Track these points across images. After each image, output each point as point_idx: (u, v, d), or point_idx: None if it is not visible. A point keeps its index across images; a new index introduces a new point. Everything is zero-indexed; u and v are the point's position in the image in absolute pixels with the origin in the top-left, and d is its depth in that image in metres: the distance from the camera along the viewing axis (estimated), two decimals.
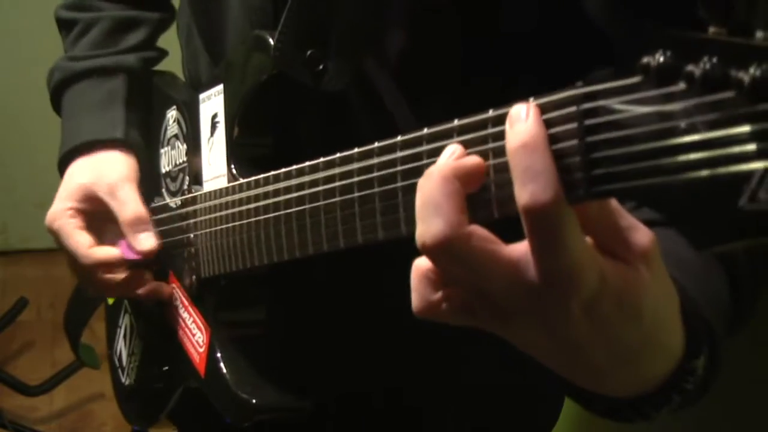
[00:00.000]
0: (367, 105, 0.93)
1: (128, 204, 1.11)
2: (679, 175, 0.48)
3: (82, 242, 1.12)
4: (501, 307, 0.57)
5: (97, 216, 1.14)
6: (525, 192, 0.53)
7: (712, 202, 0.48)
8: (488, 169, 0.59)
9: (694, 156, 0.47)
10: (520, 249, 0.55)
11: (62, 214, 1.13)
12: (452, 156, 0.59)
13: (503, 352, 1.01)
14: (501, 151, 0.57)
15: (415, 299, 0.61)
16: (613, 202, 0.56)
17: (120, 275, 1.12)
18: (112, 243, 1.13)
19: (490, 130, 0.59)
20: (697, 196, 0.48)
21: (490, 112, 0.59)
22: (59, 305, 3.43)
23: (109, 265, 1.11)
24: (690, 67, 0.47)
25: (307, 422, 1.05)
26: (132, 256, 1.10)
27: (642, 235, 0.57)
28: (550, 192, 0.52)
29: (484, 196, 0.59)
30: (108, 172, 1.14)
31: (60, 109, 1.24)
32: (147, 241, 1.10)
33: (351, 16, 0.90)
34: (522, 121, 0.54)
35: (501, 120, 0.58)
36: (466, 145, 0.61)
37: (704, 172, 0.47)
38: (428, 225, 0.56)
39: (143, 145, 1.19)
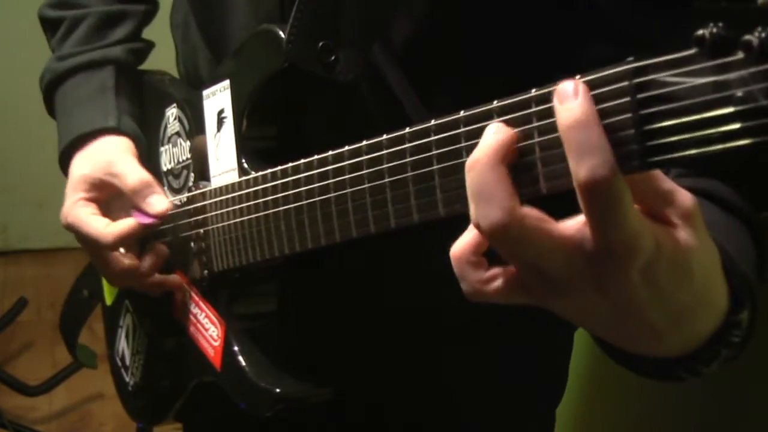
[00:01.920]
0: (376, 95, 0.94)
1: (130, 173, 1.11)
2: (736, 141, 0.50)
3: (98, 225, 1.11)
4: (558, 281, 0.59)
5: (109, 202, 1.14)
6: (583, 168, 0.54)
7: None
8: (534, 146, 0.61)
9: (751, 123, 0.49)
10: (575, 224, 0.58)
11: (73, 206, 1.13)
12: (497, 134, 0.60)
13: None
14: (547, 130, 0.60)
15: (464, 286, 0.63)
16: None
17: (139, 263, 1.12)
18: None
19: (535, 109, 0.61)
20: (755, 160, 0.50)
21: (533, 92, 0.61)
22: (59, 305, 3.38)
23: (130, 238, 1.11)
24: (747, 37, 0.49)
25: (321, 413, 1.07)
26: (147, 220, 1.10)
27: (684, 197, 0.59)
28: (608, 167, 0.54)
29: (531, 173, 0.61)
30: (103, 155, 1.14)
31: (53, 111, 1.24)
32: (158, 201, 1.10)
33: (361, 6, 0.91)
34: (572, 98, 0.56)
35: (545, 99, 0.60)
36: (507, 125, 0.62)
37: (763, 138, 0.49)
38: (484, 212, 0.58)
39: (139, 132, 1.20)
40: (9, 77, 3.62)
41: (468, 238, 0.63)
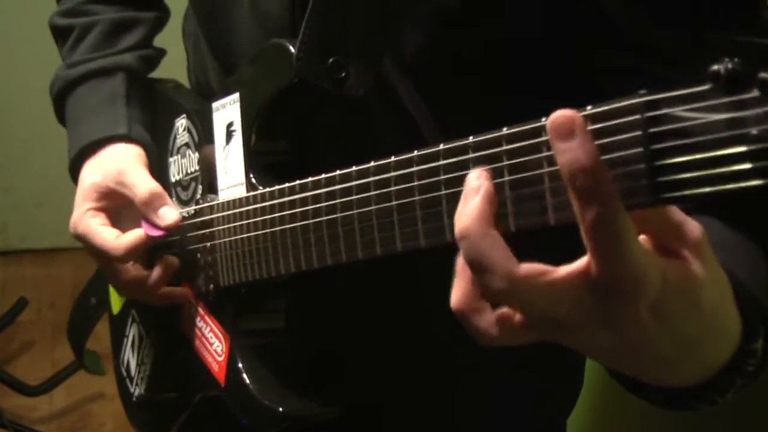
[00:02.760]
0: (388, 110, 0.93)
1: (140, 184, 1.10)
2: (751, 182, 0.49)
3: (108, 236, 1.10)
4: (568, 323, 0.59)
5: (119, 211, 1.13)
6: (589, 212, 0.54)
7: None
8: (543, 176, 0.60)
9: (765, 163, 0.48)
10: (578, 267, 0.57)
11: (82, 216, 1.12)
12: (476, 195, 0.61)
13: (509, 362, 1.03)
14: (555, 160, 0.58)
15: (473, 334, 0.63)
16: None
17: (149, 274, 1.11)
18: None
19: (544, 138, 0.60)
20: None
21: (543, 120, 0.60)
22: (59, 305, 3.44)
23: (140, 250, 1.10)
24: (763, 74, 0.48)
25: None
26: (157, 232, 1.09)
27: (692, 228, 0.59)
28: (613, 208, 0.53)
29: (540, 203, 0.61)
30: (113, 164, 1.13)
31: (64, 119, 1.23)
32: (168, 214, 1.08)
33: (371, 21, 0.90)
34: (571, 139, 0.54)
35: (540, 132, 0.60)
36: (515, 153, 0.62)
37: None
38: (486, 281, 0.59)
39: (149, 141, 1.18)
40: (9, 77, 3.61)
41: (464, 288, 0.63)
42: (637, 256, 0.55)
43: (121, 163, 1.13)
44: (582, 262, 0.57)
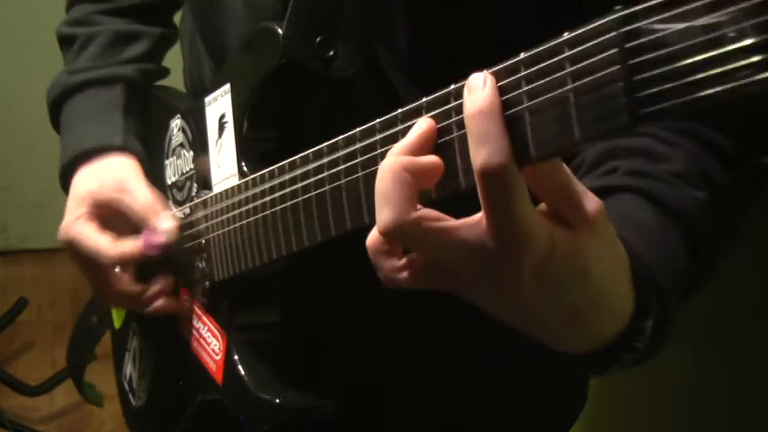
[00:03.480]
0: (377, 90, 0.93)
1: (139, 193, 1.10)
2: (731, 84, 0.47)
3: (101, 242, 1.10)
4: (459, 273, 0.62)
5: (112, 220, 1.12)
6: (479, 156, 0.57)
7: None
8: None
9: (746, 61, 0.46)
10: (472, 220, 0.60)
11: (74, 222, 1.11)
12: (416, 132, 0.64)
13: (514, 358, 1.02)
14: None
15: (380, 274, 0.66)
16: (566, 168, 0.60)
17: (137, 288, 1.11)
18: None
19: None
20: (754, 101, 0.48)
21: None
22: (59, 305, 3.45)
23: (133, 260, 1.09)
24: None
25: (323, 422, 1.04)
26: (154, 249, 1.07)
27: (591, 201, 0.61)
28: (502, 156, 0.56)
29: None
30: (110, 174, 1.13)
31: (59, 125, 1.22)
32: (167, 229, 1.08)
33: (360, 1, 0.89)
34: (479, 89, 0.58)
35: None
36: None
37: (762, 75, 0.46)
38: (381, 215, 0.61)
39: (144, 153, 1.18)
40: (9, 77, 3.65)
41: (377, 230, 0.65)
42: (525, 213, 0.57)
43: (120, 173, 1.13)
44: (476, 216, 0.60)
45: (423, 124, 0.64)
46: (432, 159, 0.63)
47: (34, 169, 3.63)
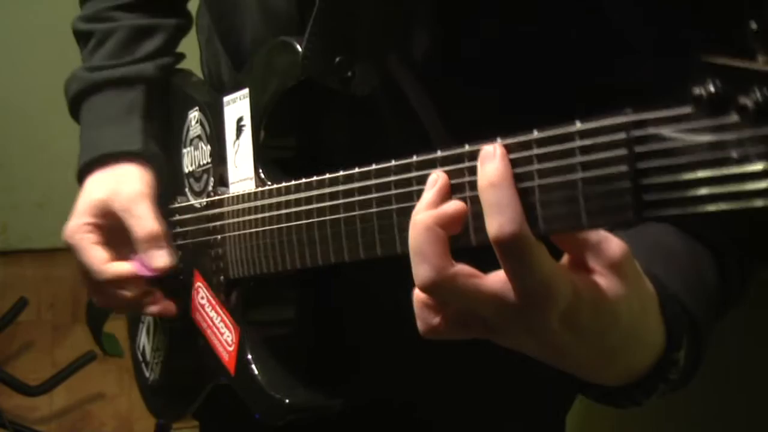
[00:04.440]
0: (394, 108, 0.94)
1: (144, 220, 1.12)
2: (732, 203, 0.49)
3: (97, 257, 1.13)
4: (492, 323, 0.66)
5: (114, 231, 1.15)
6: (492, 225, 0.61)
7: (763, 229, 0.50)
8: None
9: (748, 187, 0.48)
10: (500, 276, 0.63)
11: (79, 229, 1.14)
12: (434, 187, 0.67)
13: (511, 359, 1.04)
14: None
15: (420, 324, 0.69)
16: None
17: (131, 292, 1.14)
18: (128, 258, 1.14)
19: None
20: (747, 222, 0.50)
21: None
22: (59, 305, 3.46)
23: (123, 282, 1.13)
24: (742, 99, 0.48)
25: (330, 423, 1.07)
26: (146, 273, 1.11)
27: (612, 246, 0.64)
28: (515, 224, 0.60)
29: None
30: (124, 187, 1.15)
31: (79, 118, 1.24)
32: (162, 259, 1.11)
33: (377, 20, 0.90)
34: (491, 160, 0.61)
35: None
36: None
37: (758, 202, 0.48)
38: (418, 270, 0.64)
39: (162, 157, 1.20)
40: (9, 77, 3.63)
41: None
42: (544, 270, 0.60)
43: (131, 193, 1.14)
44: (501, 272, 0.63)
45: (440, 178, 0.67)
46: (456, 204, 0.66)
47: (34, 169, 3.64)
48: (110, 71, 1.21)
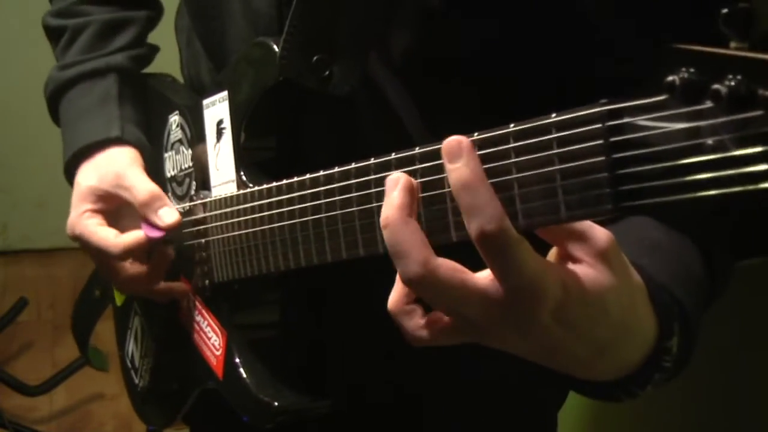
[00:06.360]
0: (374, 108, 0.94)
1: (139, 186, 1.11)
2: (708, 191, 0.49)
3: (106, 236, 1.11)
4: (479, 323, 0.64)
5: (116, 213, 1.14)
6: (472, 226, 0.59)
7: (742, 214, 0.50)
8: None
9: (723, 173, 0.48)
10: (486, 274, 0.62)
11: (80, 218, 1.13)
12: (396, 188, 0.65)
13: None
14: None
15: (404, 334, 0.68)
16: None
17: (150, 262, 1.12)
18: None
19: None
20: (725, 209, 0.49)
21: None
22: (59, 305, 3.45)
23: (138, 250, 1.11)
24: (716, 86, 0.48)
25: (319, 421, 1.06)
26: (156, 234, 1.09)
27: (598, 235, 0.63)
28: (494, 222, 0.59)
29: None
30: (110, 168, 1.14)
31: (58, 120, 1.23)
32: (168, 215, 1.09)
33: (356, 20, 0.89)
34: (458, 158, 0.60)
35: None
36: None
37: (736, 188, 0.48)
38: (401, 267, 0.63)
39: (144, 139, 1.19)
40: (9, 77, 3.64)
41: (398, 290, 0.68)
42: (529, 266, 0.59)
43: (118, 167, 1.14)
44: (488, 270, 0.62)
45: (401, 179, 0.66)
46: (404, 185, 0.65)
47: (34, 169, 3.65)
48: (81, 66, 1.21)
